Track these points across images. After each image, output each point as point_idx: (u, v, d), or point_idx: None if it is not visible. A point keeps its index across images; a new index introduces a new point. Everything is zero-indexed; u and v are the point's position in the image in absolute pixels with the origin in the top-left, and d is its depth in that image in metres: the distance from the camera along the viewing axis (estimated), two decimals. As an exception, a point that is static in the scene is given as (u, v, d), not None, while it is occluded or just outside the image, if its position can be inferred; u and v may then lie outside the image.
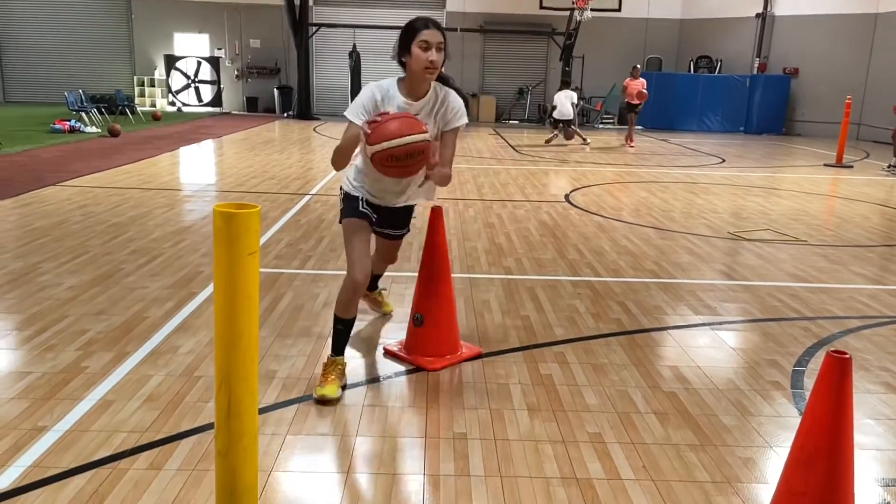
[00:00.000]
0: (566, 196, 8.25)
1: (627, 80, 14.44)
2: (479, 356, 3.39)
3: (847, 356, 1.57)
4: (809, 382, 3.23)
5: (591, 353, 3.49)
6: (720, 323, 4.02)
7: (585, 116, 20.53)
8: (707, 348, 3.68)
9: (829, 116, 17.27)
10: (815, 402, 1.59)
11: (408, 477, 2.37)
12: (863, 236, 6.59)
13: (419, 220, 6.41)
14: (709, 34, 20.60)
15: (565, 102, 14.36)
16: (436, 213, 3.27)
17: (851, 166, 11.89)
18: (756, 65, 19.54)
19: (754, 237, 6.33)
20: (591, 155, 12.83)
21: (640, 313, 4.12)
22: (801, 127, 18.91)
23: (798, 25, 18.81)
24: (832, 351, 1.58)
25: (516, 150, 13.04)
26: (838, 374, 1.56)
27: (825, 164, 12.13)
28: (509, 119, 21.06)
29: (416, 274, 3.39)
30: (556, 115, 14.58)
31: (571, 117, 14.59)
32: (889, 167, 11.32)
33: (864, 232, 6.81)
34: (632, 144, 14.39)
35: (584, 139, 14.58)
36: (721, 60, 20.36)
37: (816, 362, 3.47)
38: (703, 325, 3.99)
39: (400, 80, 2.89)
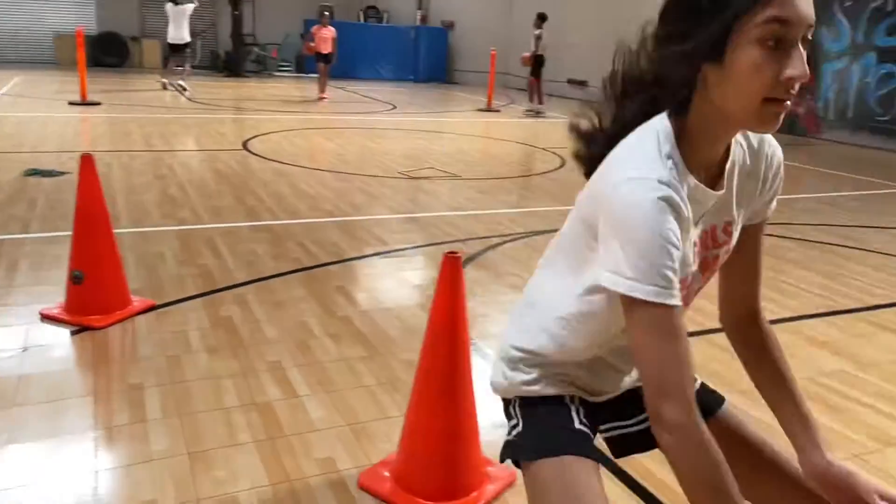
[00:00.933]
0: (244, 144, 8.12)
1: (315, 27, 13.51)
2: (152, 308, 3.29)
3: (458, 255, 1.92)
4: (459, 292, 3.78)
5: (271, 292, 3.62)
6: (389, 251, 4.44)
7: (262, 64, 20.09)
8: (378, 275, 4.06)
9: (482, 66, 19.29)
10: (438, 294, 1.93)
11: (77, 436, 2.27)
12: (506, 169, 7.68)
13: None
14: (375, -15, 21.40)
15: (180, 20, 12.06)
16: (85, 163, 3.04)
17: (499, 111, 13.58)
18: (418, 17, 20.93)
19: (420, 175, 6.98)
20: (270, 103, 12.68)
21: (318, 250, 4.34)
22: (460, 76, 20.87)
23: (452, -19, 20.51)
24: (447, 252, 1.93)
25: (189, 99, 12.31)
26: (452, 269, 1.91)
27: (479, 109, 13.67)
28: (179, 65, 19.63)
29: (71, 232, 3.13)
30: (169, 38, 12.38)
31: (186, 41, 12.28)
32: (526, 111, 13.20)
33: (508, 166, 7.95)
34: (324, 96, 13.42)
35: (184, 85, 12.79)
36: (388, 12, 21.37)
37: (466, 275, 4.03)
38: (375, 254, 4.37)
39: (678, 138, 1.04)
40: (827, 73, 11.95)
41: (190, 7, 12.59)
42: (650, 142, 1.02)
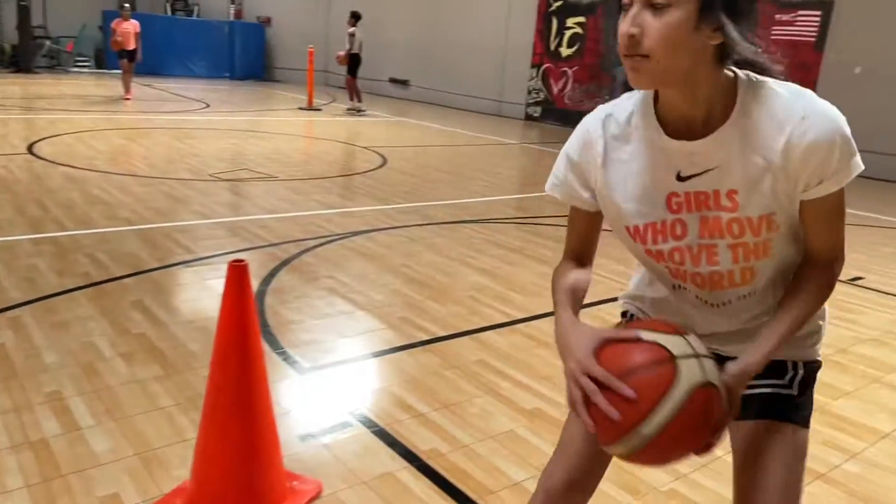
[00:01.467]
0: (29, 147, 7.29)
1: (115, 21, 12.34)
2: None
3: (244, 263, 1.81)
4: (270, 299, 3.63)
5: (53, 312, 3.25)
6: (194, 260, 4.17)
7: (56, 59, 18.21)
8: (181, 285, 3.79)
9: (301, 64, 18.87)
10: (224, 306, 1.81)
11: None
12: (326, 169, 7.55)
13: None
14: (182, -24, 20.18)
15: None
16: None
17: (320, 109, 13.37)
18: (232, 11, 20.05)
19: (232, 177, 6.66)
20: (64, 102, 11.51)
21: (111, 263, 3.98)
22: (279, 73, 20.28)
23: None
24: (232, 261, 1.81)
25: (-39, 97, 10.86)
26: (238, 279, 1.80)
27: (299, 108, 13.36)
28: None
29: None
30: None
31: None
32: (348, 110, 13.10)
33: (327, 165, 7.81)
34: (128, 96, 12.27)
35: None
36: (198, 5, 20.25)
37: (279, 281, 3.91)
38: (178, 264, 4.08)
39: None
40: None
41: None
42: (627, 93, 1.25)
